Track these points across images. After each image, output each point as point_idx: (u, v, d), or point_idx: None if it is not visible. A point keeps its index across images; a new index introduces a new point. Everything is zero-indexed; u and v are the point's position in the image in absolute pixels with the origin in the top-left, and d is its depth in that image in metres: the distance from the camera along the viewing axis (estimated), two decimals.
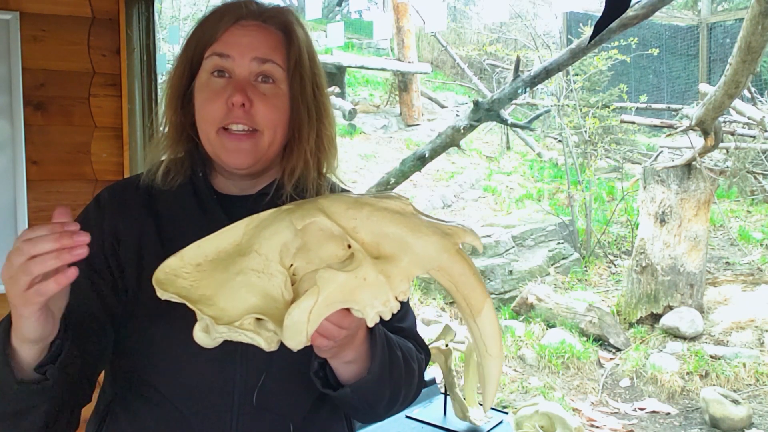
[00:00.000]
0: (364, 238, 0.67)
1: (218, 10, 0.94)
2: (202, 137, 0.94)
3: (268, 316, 0.66)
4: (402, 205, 0.69)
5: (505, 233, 7.07)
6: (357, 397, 0.86)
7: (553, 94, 8.90)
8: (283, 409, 0.91)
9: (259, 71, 0.92)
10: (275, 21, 0.95)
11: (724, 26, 10.19)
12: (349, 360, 0.83)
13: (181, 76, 0.95)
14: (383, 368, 0.86)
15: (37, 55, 1.82)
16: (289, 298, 0.68)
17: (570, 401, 4.60)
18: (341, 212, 0.67)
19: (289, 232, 0.68)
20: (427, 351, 1.05)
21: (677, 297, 5.58)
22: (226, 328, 0.66)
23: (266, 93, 0.92)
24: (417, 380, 0.98)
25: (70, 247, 0.67)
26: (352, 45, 13.36)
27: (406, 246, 0.66)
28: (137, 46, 1.90)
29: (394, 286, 0.65)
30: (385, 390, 0.89)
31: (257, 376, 0.88)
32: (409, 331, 1.03)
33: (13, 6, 1.79)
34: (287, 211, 0.70)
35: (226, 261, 0.71)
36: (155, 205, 0.95)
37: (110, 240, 0.93)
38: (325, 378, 0.88)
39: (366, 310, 0.65)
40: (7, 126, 1.79)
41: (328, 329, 0.69)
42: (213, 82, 0.92)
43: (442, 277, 0.69)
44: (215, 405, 0.89)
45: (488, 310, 0.71)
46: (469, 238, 0.69)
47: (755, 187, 7.38)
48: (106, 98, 1.91)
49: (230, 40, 0.91)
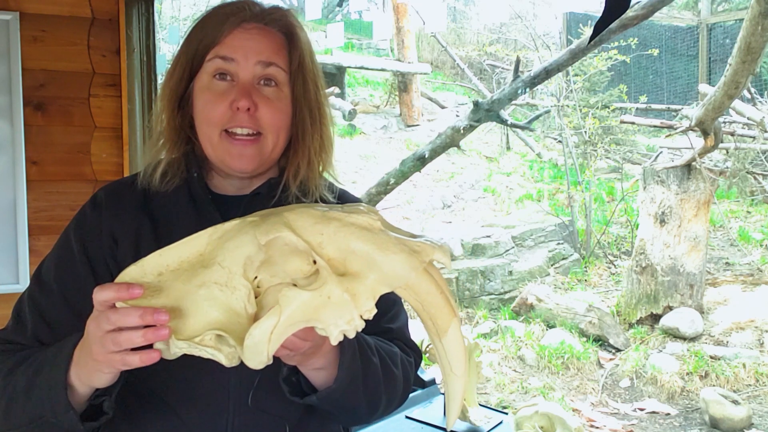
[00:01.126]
0: (330, 254, 0.65)
1: (220, 11, 0.94)
2: (202, 139, 0.94)
3: (230, 330, 0.65)
4: (370, 220, 0.68)
5: (504, 234, 7.07)
6: (328, 405, 0.86)
7: (553, 94, 8.91)
8: (278, 409, 0.91)
9: (263, 74, 0.92)
10: (277, 23, 0.95)
11: (723, 27, 10.19)
12: (318, 367, 0.83)
13: (180, 77, 0.95)
14: (354, 377, 0.85)
15: (37, 55, 1.82)
16: (252, 311, 0.66)
17: (570, 402, 4.60)
18: (307, 227, 0.66)
19: (252, 245, 0.67)
20: (418, 352, 1.04)
21: (677, 297, 5.58)
22: (185, 343, 0.65)
23: (270, 96, 0.92)
24: (401, 384, 0.96)
25: (154, 326, 0.67)
26: (352, 45, 13.36)
27: (372, 263, 0.65)
28: (137, 46, 1.90)
29: (360, 304, 0.64)
30: (359, 397, 0.88)
31: (252, 378, 0.88)
32: (398, 332, 1.02)
33: (13, 6, 1.79)
34: (252, 223, 0.68)
35: (189, 272, 0.69)
36: (151, 206, 0.95)
37: (108, 241, 0.93)
38: (298, 384, 0.87)
39: (330, 329, 0.64)
40: (7, 126, 1.79)
41: (292, 341, 0.69)
42: (215, 85, 0.92)
43: (409, 295, 0.68)
44: (211, 406, 0.89)
45: (454, 330, 0.69)
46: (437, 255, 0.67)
47: (755, 187, 7.39)
48: (106, 98, 1.91)
49: (234, 44, 0.91)
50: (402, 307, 1.06)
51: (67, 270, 0.92)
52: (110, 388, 0.79)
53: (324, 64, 10.92)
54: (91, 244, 0.92)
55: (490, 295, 6.40)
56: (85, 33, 1.88)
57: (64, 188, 1.87)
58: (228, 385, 0.89)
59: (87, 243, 0.92)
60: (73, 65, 1.86)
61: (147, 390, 0.90)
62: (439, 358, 0.72)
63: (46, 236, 1.84)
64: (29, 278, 1.82)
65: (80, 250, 0.92)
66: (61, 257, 0.93)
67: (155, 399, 0.89)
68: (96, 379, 0.75)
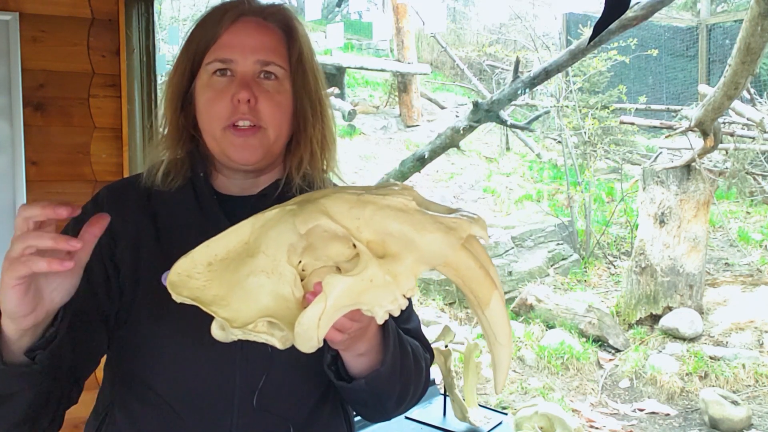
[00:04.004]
0: (368, 237, 0.67)
1: (218, 9, 0.94)
2: (206, 136, 0.94)
3: (280, 316, 0.67)
4: (405, 201, 0.69)
5: (504, 234, 7.07)
6: (370, 390, 0.86)
7: (553, 95, 8.91)
8: (283, 410, 0.91)
9: (262, 70, 0.93)
10: (275, 18, 0.95)
11: (723, 27, 10.20)
12: (361, 352, 0.83)
13: (182, 77, 0.95)
14: (395, 360, 0.86)
15: (36, 55, 1.82)
16: (299, 295, 0.69)
17: (569, 402, 4.60)
18: (344, 212, 0.68)
19: (294, 233, 0.69)
20: (432, 352, 1.05)
21: (677, 298, 5.58)
22: (240, 331, 0.67)
23: (270, 90, 0.92)
24: (424, 378, 0.98)
25: (67, 240, 0.67)
26: (352, 46, 13.37)
27: (410, 243, 0.66)
28: (137, 46, 1.90)
29: (401, 284, 0.66)
30: (396, 384, 0.89)
31: (258, 378, 0.88)
32: (415, 332, 1.03)
33: (13, 7, 1.79)
34: (290, 212, 0.70)
35: (236, 261, 0.71)
36: (153, 205, 0.95)
37: (107, 239, 0.92)
38: (337, 371, 0.88)
39: (375, 310, 0.66)
40: (7, 127, 1.79)
41: (341, 322, 0.70)
42: (216, 81, 0.92)
43: (449, 271, 0.70)
44: (215, 407, 0.88)
45: (496, 302, 0.71)
46: (475, 229, 0.69)
47: (754, 188, 7.39)
48: (106, 99, 1.91)
49: (232, 42, 0.92)
50: (413, 307, 1.07)
51: None
52: (50, 338, 0.75)
53: (324, 65, 10.90)
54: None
55: None
56: (85, 33, 1.88)
57: (63, 189, 1.87)
58: (233, 386, 0.88)
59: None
60: (73, 66, 1.86)
61: (149, 390, 0.89)
62: (483, 329, 0.74)
63: None
64: None
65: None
66: None
67: (157, 400, 0.89)
68: (3, 298, 0.69)
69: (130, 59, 1.89)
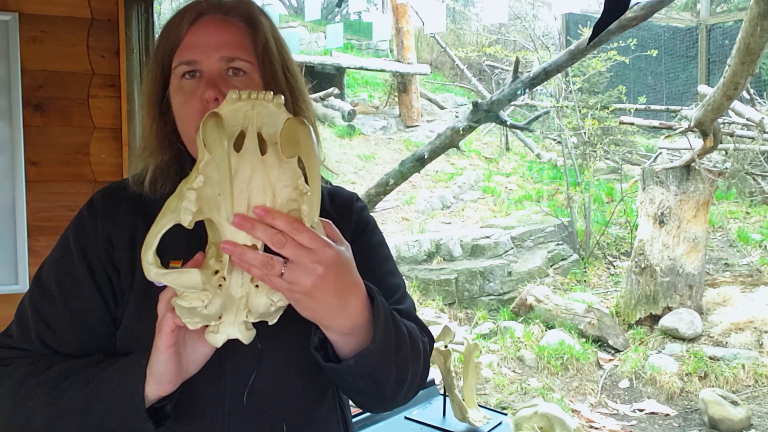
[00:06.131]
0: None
1: (180, 11, 0.94)
2: (184, 139, 0.94)
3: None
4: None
5: (504, 234, 7.07)
6: (362, 372, 0.84)
7: (552, 95, 8.92)
8: (276, 409, 0.91)
9: (228, 67, 0.92)
10: (236, 12, 0.94)
11: (723, 28, 10.21)
12: (347, 331, 0.81)
13: (154, 84, 0.95)
14: (388, 339, 0.84)
15: (36, 56, 1.82)
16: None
17: (569, 402, 4.60)
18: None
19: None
20: (430, 335, 1.01)
21: (676, 298, 5.58)
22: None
23: (238, 86, 0.91)
24: (423, 361, 0.94)
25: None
26: (352, 46, 13.38)
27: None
28: (136, 47, 1.90)
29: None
30: (392, 365, 0.86)
31: (248, 376, 0.88)
32: (407, 313, 0.99)
33: (13, 7, 1.79)
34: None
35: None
36: (145, 207, 0.95)
37: (105, 244, 0.93)
38: (326, 355, 0.86)
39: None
40: (6, 127, 1.79)
41: (260, 258, 0.72)
42: (185, 84, 0.91)
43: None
44: (206, 405, 0.89)
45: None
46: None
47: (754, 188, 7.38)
48: (106, 99, 1.91)
49: (194, 42, 0.91)
50: (406, 290, 1.05)
51: (67, 275, 0.92)
52: (171, 395, 0.83)
53: (323, 65, 10.93)
54: (89, 248, 0.93)
55: (490, 296, 6.40)
56: (85, 33, 1.87)
57: (63, 189, 1.87)
58: (223, 384, 0.89)
59: (86, 247, 0.93)
60: (73, 66, 1.86)
61: None
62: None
63: (45, 237, 1.84)
64: (28, 279, 1.82)
65: (80, 256, 0.92)
66: (60, 262, 0.94)
67: None
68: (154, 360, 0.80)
69: (129, 59, 1.89)
